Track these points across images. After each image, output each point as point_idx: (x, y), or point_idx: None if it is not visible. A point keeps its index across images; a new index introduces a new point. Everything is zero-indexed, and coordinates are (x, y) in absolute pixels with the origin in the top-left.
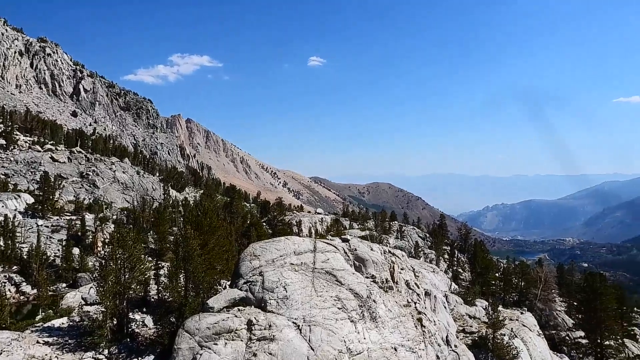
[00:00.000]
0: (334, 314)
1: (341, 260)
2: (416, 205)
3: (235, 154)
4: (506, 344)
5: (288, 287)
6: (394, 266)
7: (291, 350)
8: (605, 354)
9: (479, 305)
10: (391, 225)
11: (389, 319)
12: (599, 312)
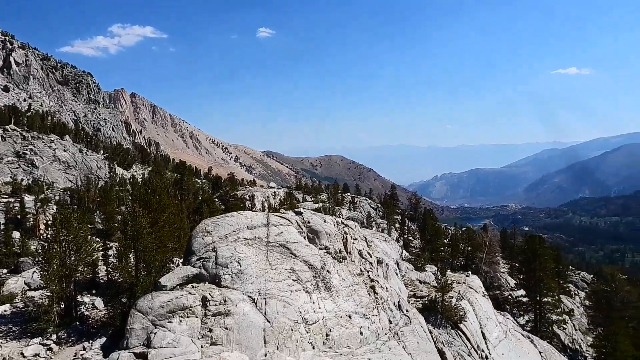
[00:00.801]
0: (289, 285)
1: (295, 233)
2: (368, 176)
3: (184, 129)
4: (454, 306)
5: (242, 261)
6: (347, 237)
7: (247, 323)
8: (543, 310)
9: (429, 270)
10: (344, 197)
11: (343, 288)
12: (538, 272)
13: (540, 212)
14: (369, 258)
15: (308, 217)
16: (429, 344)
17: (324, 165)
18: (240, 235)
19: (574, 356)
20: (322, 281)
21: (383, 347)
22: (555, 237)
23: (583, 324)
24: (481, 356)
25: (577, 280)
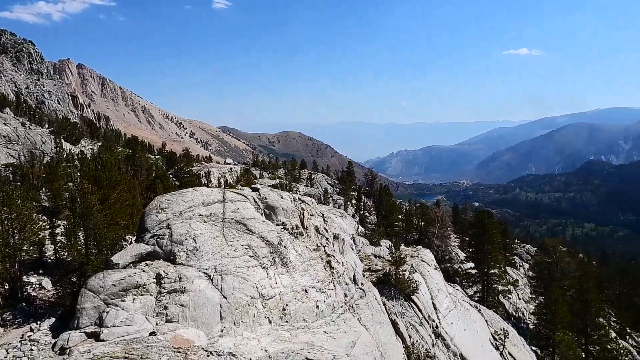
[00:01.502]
0: (245, 262)
1: (251, 209)
2: (325, 153)
3: (136, 103)
4: (407, 279)
5: (197, 238)
6: (304, 213)
7: (203, 300)
8: (490, 281)
9: (384, 245)
10: (301, 173)
11: (300, 263)
12: (486, 245)
13: (490, 188)
14: (326, 234)
15: (265, 193)
16: (383, 315)
17: (281, 142)
18: (196, 211)
19: (517, 323)
20: (278, 257)
21: (339, 319)
22: (503, 212)
23: (526, 294)
24: (432, 326)
25: (522, 253)
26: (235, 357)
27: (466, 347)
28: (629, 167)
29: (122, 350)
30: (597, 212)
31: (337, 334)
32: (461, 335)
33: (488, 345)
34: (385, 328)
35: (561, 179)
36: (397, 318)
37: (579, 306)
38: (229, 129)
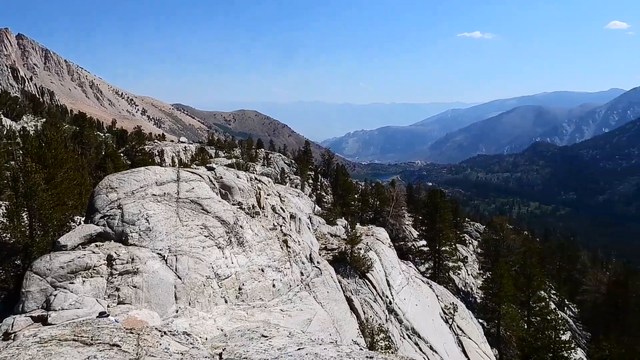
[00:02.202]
0: (200, 242)
1: (207, 188)
2: (282, 132)
3: (83, 78)
4: (362, 257)
5: (151, 218)
6: (261, 192)
7: (157, 281)
8: (442, 258)
9: (340, 224)
10: (258, 152)
11: (256, 243)
12: (438, 224)
13: (443, 169)
14: (282, 213)
15: (221, 172)
16: (339, 293)
17: (237, 120)
18: (149, 191)
19: (466, 298)
20: (234, 236)
21: (295, 297)
22: (455, 191)
23: (475, 269)
24: (386, 302)
25: (471, 231)
26: (190, 336)
27: (418, 322)
28: (571, 148)
29: (71, 333)
30: (542, 191)
31: (294, 312)
32: (413, 310)
33: (438, 319)
34: (340, 305)
35: (509, 159)
36: (352, 295)
37: (523, 280)
38: (183, 107)
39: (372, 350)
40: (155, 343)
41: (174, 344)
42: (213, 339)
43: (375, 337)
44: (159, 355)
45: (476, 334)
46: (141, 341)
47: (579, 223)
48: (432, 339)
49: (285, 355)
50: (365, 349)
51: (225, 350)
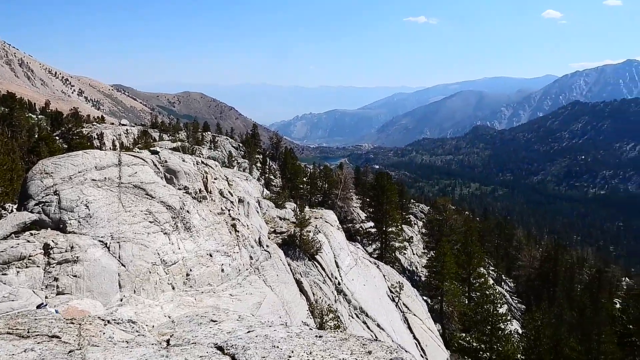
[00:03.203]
0: (145, 228)
1: (151, 173)
2: (229, 115)
3: (11, 55)
4: (311, 239)
5: (91, 204)
6: (207, 176)
7: (99, 269)
8: (388, 239)
9: (289, 207)
10: (204, 135)
11: (204, 228)
12: (385, 205)
13: (390, 151)
14: (230, 197)
15: (165, 156)
16: (288, 275)
17: (182, 103)
18: (88, 176)
19: (412, 276)
20: (181, 222)
21: (244, 281)
22: (400, 174)
23: (419, 249)
24: (334, 283)
25: (416, 212)
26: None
27: (366, 301)
28: (508, 132)
29: (5, 326)
30: (482, 172)
31: (243, 296)
32: (361, 290)
33: (385, 298)
34: (290, 287)
35: (452, 142)
36: (302, 277)
37: (464, 258)
38: (123, 88)
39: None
40: (99, 332)
41: (118, 333)
42: (160, 325)
43: (325, 317)
44: (102, 345)
45: (421, 310)
46: (83, 331)
47: (515, 202)
48: (379, 317)
49: (235, 338)
50: (315, 329)
51: (173, 336)
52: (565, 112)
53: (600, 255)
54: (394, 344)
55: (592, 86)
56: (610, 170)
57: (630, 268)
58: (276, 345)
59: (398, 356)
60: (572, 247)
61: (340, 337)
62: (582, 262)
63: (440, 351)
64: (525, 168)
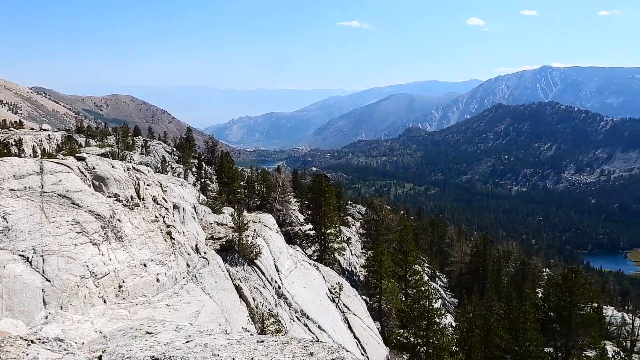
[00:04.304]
0: (72, 239)
1: (77, 180)
2: (162, 119)
3: None
4: (250, 244)
5: (9, 216)
6: (140, 183)
7: (20, 285)
8: (327, 240)
9: (226, 212)
10: (135, 140)
11: (137, 236)
12: (323, 207)
13: (327, 154)
14: (165, 204)
15: (93, 162)
16: (227, 282)
17: (110, 106)
18: (5, 185)
19: (351, 276)
20: (112, 231)
21: (181, 290)
22: (338, 175)
23: (358, 249)
24: (275, 287)
25: (354, 213)
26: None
27: (306, 303)
28: (439, 133)
29: None
30: (415, 173)
31: (181, 306)
32: (302, 293)
33: (325, 299)
34: (229, 294)
35: (386, 144)
36: (241, 283)
37: (400, 256)
38: (44, 90)
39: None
40: (21, 354)
41: (44, 353)
42: (91, 342)
43: (266, 322)
44: None
45: (360, 309)
46: (3, 353)
47: (447, 201)
48: (320, 318)
49: (173, 349)
50: (257, 335)
51: (106, 352)
52: (490, 114)
53: (524, 248)
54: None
55: (513, 90)
56: (531, 168)
57: (550, 259)
58: (216, 353)
59: (339, 356)
60: (499, 241)
61: (282, 341)
62: (508, 255)
63: (380, 348)
64: (455, 168)
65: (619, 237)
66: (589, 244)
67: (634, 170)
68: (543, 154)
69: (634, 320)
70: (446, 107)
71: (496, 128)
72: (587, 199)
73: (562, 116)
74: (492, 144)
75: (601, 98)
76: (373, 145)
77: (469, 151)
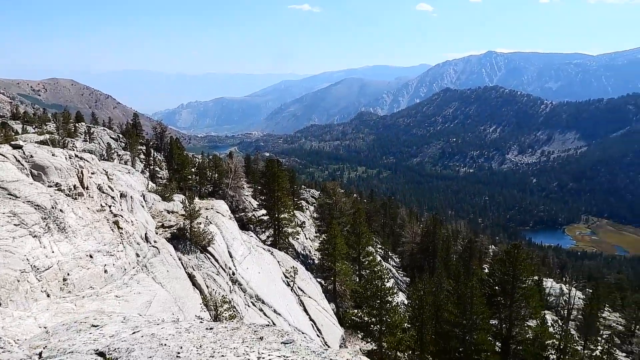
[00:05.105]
0: (9, 232)
1: (13, 170)
2: (106, 104)
3: None
4: (202, 231)
5: None
6: (83, 171)
7: None
8: (281, 225)
9: (177, 200)
10: (77, 127)
11: (82, 227)
12: (276, 192)
13: (279, 139)
14: (111, 192)
15: (31, 150)
16: (179, 270)
17: (49, 91)
18: None
19: (305, 260)
20: (53, 222)
21: (131, 281)
22: (291, 160)
23: (312, 233)
24: (229, 273)
25: (307, 197)
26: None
27: (261, 289)
28: (390, 117)
29: None
30: (367, 156)
31: (131, 296)
32: (256, 278)
33: (280, 283)
34: (182, 282)
35: (339, 128)
36: (194, 271)
37: (354, 238)
38: None
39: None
40: None
41: None
42: (33, 338)
43: (219, 308)
44: None
45: (315, 292)
46: None
47: (398, 183)
48: (275, 303)
49: (119, 341)
50: (207, 322)
51: (47, 347)
52: (438, 98)
53: (471, 227)
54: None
55: (460, 74)
56: (477, 150)
57: (495, 237)
58: (163, 343)
59: (289, 339)
60: (448, 221)
61: (231, 327)
62: (456, 234)
63: (335, 329)
64: (406, 151)
65: (558, 213)
66: (530, 221)
67: (571, 151)
68: (489, 136)
69: (570, 291)
70: (397, 91)
71: (444, 112)
72: (529, 178)
73: (506, 100)
74: (441, 127)
75: (541, 82)
76: (326, 129)
77: (419, 134)
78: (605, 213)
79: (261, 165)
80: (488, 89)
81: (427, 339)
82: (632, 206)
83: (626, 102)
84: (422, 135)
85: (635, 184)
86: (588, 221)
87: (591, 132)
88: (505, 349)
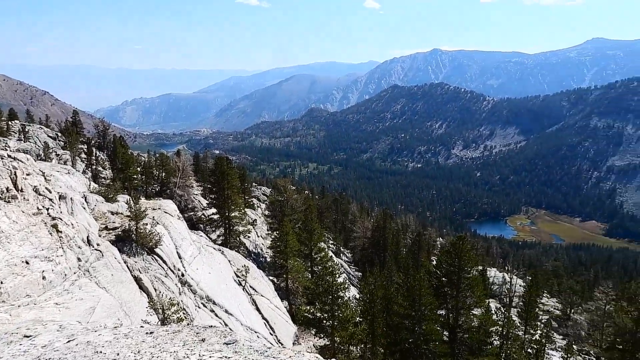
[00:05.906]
0: None
1: None
2: (43, 101)
3: None
4: (149, 232)
5: None
6: (17, 172)
7: None
8: (232, 224)
9: (121, 200)
10: (10, 125)
11: (16, 232)
12: (226, 190)
13: (229, 136)
14: (49, 194)
15: None
16: (125, 273)
17: None
18: None
19: (257, 258)
20: None
21: (72, 287)
22: (242, 158)
23: (264, 231)
24: (178, 275)
25: (259, 195)
26: None
27: (212, 289)
28: (340, 114)
29: None
30: (318, 153)
31: (72, 303)
32: (207, 279)
33: (232, 283)
34: (128, 286)
35: (290, 125)
36: (141, 274)
37: (306, 235)
38: None
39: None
40: None
41: None
42: None
43: (167, 311)
44: None
45: (267, 290)
46: None
47: (349, 179)
48: (227, 303)
49: (51, 351)
50: (148, 326)
51: None
52: (387, 95)
53: (420, 221)
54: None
55: (407, 71)
56: (424, 146)
57: (443, 229)
58: (99, 350)
59: (232, 339)
60: (398, 215)
61: (172, 330)
62: (406, 228)
63: (288, 326)
64: (356, 147)
65: (500, 205)
66: (475, 213)
67: (511, 145)
68: (435, 132)
69: (511, 279)
70: (346, 88)
71: (393, 108)
72: (474, 172)
73: (451, 96)
74: (390, 123)
75: (483, 79)
76: (276, 126)
77: (368, 130)
78: (542, 204)
79: (211, 163)
80: (434, 85)
81: (379, 332)
82: (567, 197)
83: (560, 98)
84: (371, 131)
85: (569, 176)
86: (528, 212)
87: (529, 127)
88: (453, 337)
